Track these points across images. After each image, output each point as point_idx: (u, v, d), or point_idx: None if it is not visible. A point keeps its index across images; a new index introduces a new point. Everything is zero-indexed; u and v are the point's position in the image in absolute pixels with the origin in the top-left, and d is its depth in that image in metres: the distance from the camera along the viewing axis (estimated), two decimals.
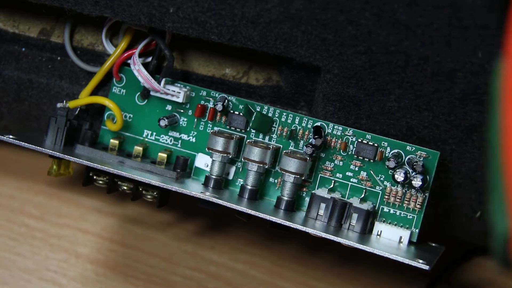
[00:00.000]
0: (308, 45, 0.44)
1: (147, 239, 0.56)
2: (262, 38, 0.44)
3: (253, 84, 0.50)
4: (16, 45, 0.52)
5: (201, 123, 0.49)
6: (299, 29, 0.43)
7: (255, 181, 0.47)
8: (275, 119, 0.48)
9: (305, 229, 0.43)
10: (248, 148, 0.46)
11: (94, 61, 0.51)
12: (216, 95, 0.48)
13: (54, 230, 0.56)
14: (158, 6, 0.45)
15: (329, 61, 0.44)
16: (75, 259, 0.55)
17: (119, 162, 0.48)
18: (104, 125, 0.50)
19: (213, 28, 0.45)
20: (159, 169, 0.47)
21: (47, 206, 0.57)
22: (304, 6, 0.42)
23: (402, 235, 0.45)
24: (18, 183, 0.58)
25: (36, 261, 0.55)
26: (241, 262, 0.55)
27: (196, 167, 0.49)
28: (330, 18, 0.42)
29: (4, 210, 0.57)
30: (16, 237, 0.56)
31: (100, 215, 0.57)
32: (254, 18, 0.43)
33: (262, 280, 0.55)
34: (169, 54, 0.48)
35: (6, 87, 0.51)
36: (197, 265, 0.55)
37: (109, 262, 0.55)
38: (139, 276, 0.54)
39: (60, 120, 0.48)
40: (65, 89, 0.51)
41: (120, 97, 0.50)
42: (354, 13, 0.41)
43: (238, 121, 0.48)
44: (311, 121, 0.47)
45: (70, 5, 0.46)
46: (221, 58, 0.51)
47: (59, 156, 0.47)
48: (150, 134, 0.50)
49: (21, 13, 0.52)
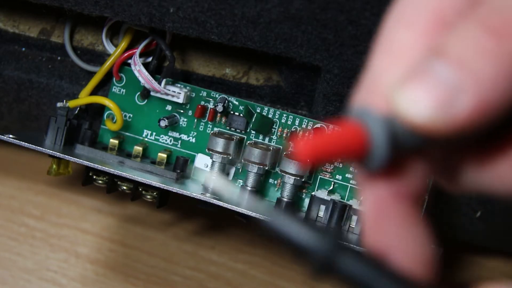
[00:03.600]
0: (308, 45, 0.44)
1: (147, 239, 0.56)
2: (262, 38, 0.44)
3: (253, 84, 0.50)
4: (16, 45, 0.52)
5: (201, 123, 0.49)
6: (299, 29, 0.43)
7: (255, 182, 0.47)
8: (275, 121, 0.48)
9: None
10: (248, 150, 0.46)
11: (94, 61, 0.51)
12: (217, 96, 0.48)
13: (54, 230, 0.56)
14: (158, 6, 0.45)
15: (329, 61, 0.44)
16: (75, 259, 0.55)
17: (119, 162, 0.48)
18: (104, 125, 0.50)
19: (213, 28, 0.45)
20: (159, 169, 0.47)
21: (47, 206, 0.57)
22: (304, 6, 0.42)
23: None
24: (18, 183, 0.58)
25: (36, 261, 0.55)
26: (241, 262, 0.55)
27: (195, 168, 0.49)
28: (330, 18, 0.42)
29: (4, 210, 0.57)
30: (16, 237, 0.56)
31: (100, 215, 0.57)
32: (254, 18, 0.43)
33: (262, 280, 0.55)
34: (170, 55, 0.48)
35: (6, 87, 0.51)
36: (197, 265, 0.55)
37: (109, 262, 0.55)
38: (139, 276, 0.54)
39: (60, 119, 0.48)
40: (65, 89, 0.51)
41: (120, 97, 0.50)
42: (354, 13, 0.41)
43: (238, 122, 0.48)
44: (311, 123, 0.47)
45: (70, 5, 0.46)
46: (221, 58, 0.50)
47: (59, 156, 0.47)
48: (150, 134, 0.50)
49: (21, 13, 0.52)
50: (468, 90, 0.22)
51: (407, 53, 0.25)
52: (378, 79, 0.25)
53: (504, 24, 0.22)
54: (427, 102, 0.22)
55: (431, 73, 0.23)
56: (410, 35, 0.25)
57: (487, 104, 0.22)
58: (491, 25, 0.22)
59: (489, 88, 0.22)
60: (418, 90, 0.23)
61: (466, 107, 0.22)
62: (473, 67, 0.22)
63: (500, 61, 0.22)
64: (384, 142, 0.23)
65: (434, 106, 0.22)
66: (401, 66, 0.24)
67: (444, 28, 0.24)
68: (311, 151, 0.23)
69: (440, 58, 0.23)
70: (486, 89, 0.22)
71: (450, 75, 0.22)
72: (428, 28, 0.25)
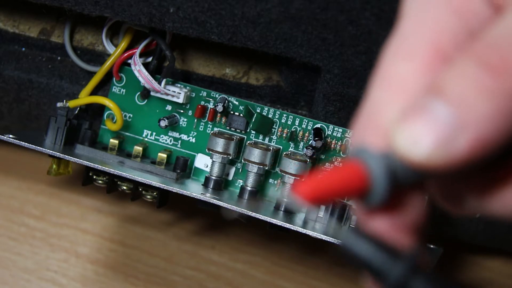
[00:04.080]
0: (308, 45, 0.44)
1: (147, 239, 0.56)
2: (262, 38, 0.44)
3: (253, 84, 0.50)
4: (16, 45, 0.52)
5: (201, 123, 0.49)
6: (299, 29, 0.43)
7: (255, 182, 0.47)
8: (275, 121, 0.48)
9: (305, 232, 0.43)
10: (248, 150, 0.46)
11: (94, 61, 0.51)
12: (217, 96, 0.48)
13: (54, 230, 0.56)
14: (158, 6, 0.45)
15: (329, 61, 0.44)
16: (75, 259, 0.55)
17: (119, 162, 0.48)
18: (104, 125, 0.50)
19: (213, 28, 0.45)
20: (159, 169, 0.47)
21: (47, 206, 0.57)
22: (304, 6, 0.42)
23: None
24: (18, 183, 0.58)
25: (36, 261, 0.55)
26: (241, 262, 0.55)
27: (195, 168, 0.49)
28: (330, 18, 0.42)
29: (4, 210, 0.57)
30: (16, 237, 0.56)
31: (100, 215, 0.57)
32: (254, 18, 0.43)
33: (262, 280, 0.55)
34: (170, 55, 0.48)
35: (6, 87, 0.51)
36: (197, 265, 0.55)
37: (109, 262, 0.55)
38: (139, 276, 0.54)
39: (60, 119, 0.48)
40: (65, 89, 0.51)
41: (120, 97, 0.50)
42: (354, 13, 0.41)
43: (238, 122, 0.48)
44: (311, 123, 0.47)
45: (70, 5, 0.46)
46: (221, 58, 0.50)
47: (59, 156, 0.47)
48: (150, 134, 0.50)
49: (21, 13, 0.52)
50: (466, 128, 0.22)
51: (406, 87, 0.25)
52: (377, 113, 0.25)
53: (501, 61, 0.22)
54: (426, 141, 0.23)
55: (430, 112, 0.23)
56: (409, 68, 0.25)
57: (484, 141, 0.23)
58: (489, 61, 0.23)
59: (487, 125, 0.22)
60: (417, 129, 0.23)
61: (464, 145, 0.22)
62: (471, 105, 0.22)
63: (498, 99, 0.22)
64: (384, 180, 0.24)
65: (433, 145, 0.23)
66: (400, 100, 0.24)
67: (443, 61, 0.24)
68: (312, 193, 0.24)
69: (438, 96, 0.23)
70: (484, 127, 0.22)
71: (448, 114, 0.23)
72: (427, 61, 0.25)
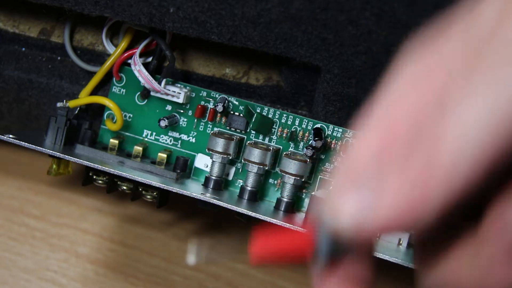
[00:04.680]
0: (308, 45, 0.44)
1: (147, 239, 0.56)
2: (262, 38, 0.44)
3: (253, 84, 0.50)
4: (16, 45, 0.52)
5: (201, 123, 0.49)
6: (299, 29, 0.43)
7: (255, 182, 0.47)
8: (275, 121, 0.48)
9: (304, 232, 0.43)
10: (248, 150, 0.46)
11: (94, 61, 0.51)
12: (217, 96, 0.48)
13: (54, 230, 0.56)
14: (158, 6, 0.45)
15: (329, 61, 0.44)
16: (75, 259, 0.55)
17: (119, 162, 0.48)
18: (104, 125, 0.50)
19: (213, 28, 0.45)
20: (159, 169, 0.47)
21: (47, 206, 0.57)
22: (304, 6, 0.42)
23: (401, 238, 0.45)
24: (18, 183, 0.58)
25: (36, 261, 0.55)
26: (241, 262, 0.55)
27: (195, 168, 0.49)
28: (330, 18, 0.42)
29: (4, 210, 0.57)
30: (16, 237, 0.56)
31: (100, 215, 0.57)
32: (254, 18, 0.43)
33: (262, 280, 0.55)
34: (170, 55, 0.48)
35: (6, 87, 0.51)
36: (197, 265, 0.55)
37: (109, 262, 0.55)
38: (139, 276, 0.54)
39: (60, 119, 0.48)
40: (65, 89, 0.51)
41: (120, 97, 0.50)
42: (354, 13, 0.41)
43: (238, 122, 0.48)
44: (311, 123, 0.47)
45: (70, 5, 0.46)
46: (221, 58, 0.50)
47: (59, 156, 0.47)
48: (150, 134, 0.50)
49: (21, 13, 0.52)
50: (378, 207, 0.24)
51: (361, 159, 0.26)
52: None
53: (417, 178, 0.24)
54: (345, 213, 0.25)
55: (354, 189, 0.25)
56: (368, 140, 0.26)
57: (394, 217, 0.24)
58: None
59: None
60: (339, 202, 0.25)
61: (377, 217, 0.24)
62: None
63: None
64: (324, 247, 0.26)
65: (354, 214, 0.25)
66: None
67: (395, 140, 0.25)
68: (261, 254, 0.27)
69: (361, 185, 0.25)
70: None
71: (367, 196, 0.25)
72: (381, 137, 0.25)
